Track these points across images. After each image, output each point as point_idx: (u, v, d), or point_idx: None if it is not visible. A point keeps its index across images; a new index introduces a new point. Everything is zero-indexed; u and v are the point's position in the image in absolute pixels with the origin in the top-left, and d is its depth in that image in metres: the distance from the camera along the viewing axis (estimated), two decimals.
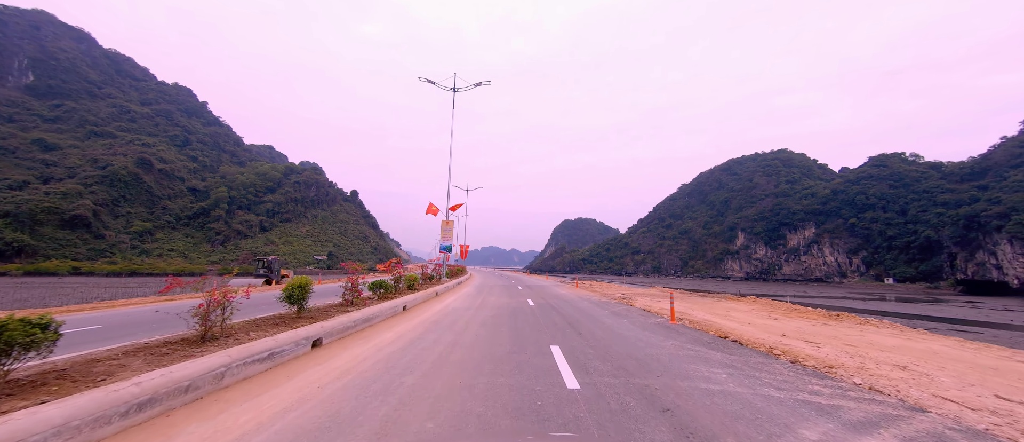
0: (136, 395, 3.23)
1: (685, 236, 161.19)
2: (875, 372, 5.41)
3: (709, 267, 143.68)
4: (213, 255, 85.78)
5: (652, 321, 10.10)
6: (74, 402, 2.86)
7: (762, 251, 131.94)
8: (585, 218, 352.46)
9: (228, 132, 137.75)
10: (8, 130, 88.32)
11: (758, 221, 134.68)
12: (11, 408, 2.76)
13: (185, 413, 3.54)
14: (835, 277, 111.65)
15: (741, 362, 6.01)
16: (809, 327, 10.03)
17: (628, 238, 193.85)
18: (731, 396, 4.36)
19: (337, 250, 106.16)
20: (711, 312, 12.39)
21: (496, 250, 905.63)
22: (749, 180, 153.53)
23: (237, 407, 3.73)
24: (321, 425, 3.37)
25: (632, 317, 10.86)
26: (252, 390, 4.27)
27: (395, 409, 3.76)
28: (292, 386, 4.51)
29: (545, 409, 3.81)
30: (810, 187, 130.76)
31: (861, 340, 8.19)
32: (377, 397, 4.13)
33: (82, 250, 70.72)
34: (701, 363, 5.87)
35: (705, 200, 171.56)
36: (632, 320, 10.22)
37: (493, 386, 4.55)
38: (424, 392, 4.33)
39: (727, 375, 5.22)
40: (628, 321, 10.05)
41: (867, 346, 7.47)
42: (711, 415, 3.77)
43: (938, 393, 4.52)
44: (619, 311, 12.05)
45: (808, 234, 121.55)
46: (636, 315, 11.37)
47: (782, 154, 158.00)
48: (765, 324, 10.16)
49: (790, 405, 4.10)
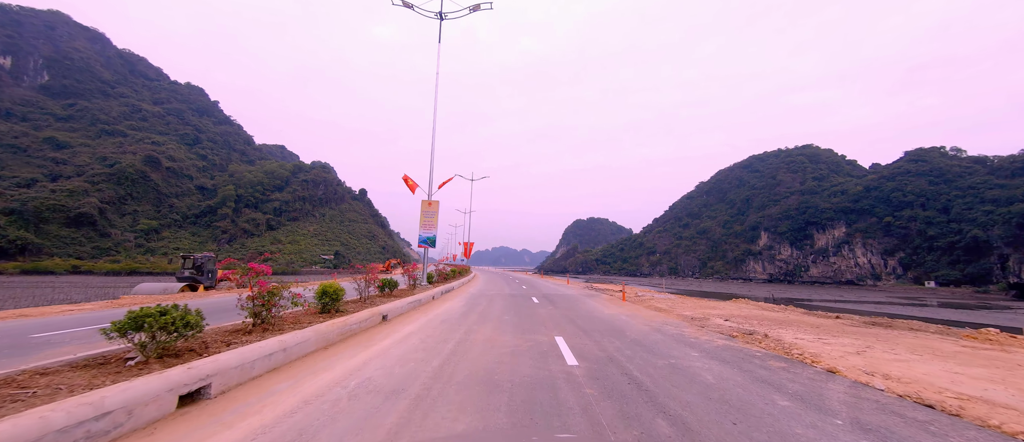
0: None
1: (704, 236, 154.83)
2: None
3: (729, 268, 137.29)
4: (219, 254, 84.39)
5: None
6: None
7: (787, 252, 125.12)
8: (597, 218, 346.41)
9: (239, 131, 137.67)
10: (22, 129, 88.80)
11: (783, 220, 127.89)
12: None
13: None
14: (868, 280, 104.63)
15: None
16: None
17: (643, 238, 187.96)
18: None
19: (344, 249, 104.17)
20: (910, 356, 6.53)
21: (506, 250, 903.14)
22: (772, 177, 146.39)
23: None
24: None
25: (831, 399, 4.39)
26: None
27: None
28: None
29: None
30: (840, 184, 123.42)
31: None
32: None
33: (87, 248, 69.80)
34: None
35: (724, 198, 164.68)
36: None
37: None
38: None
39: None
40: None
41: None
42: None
43: None
44: (778, 380, 5.08)
45: (838, 234, 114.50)
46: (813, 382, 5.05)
47: (808, 150, 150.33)
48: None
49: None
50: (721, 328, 9.19)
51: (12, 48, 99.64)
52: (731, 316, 11.09)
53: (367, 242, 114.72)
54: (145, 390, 3.24)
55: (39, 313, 10.50)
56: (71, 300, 21.59)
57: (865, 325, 10.69)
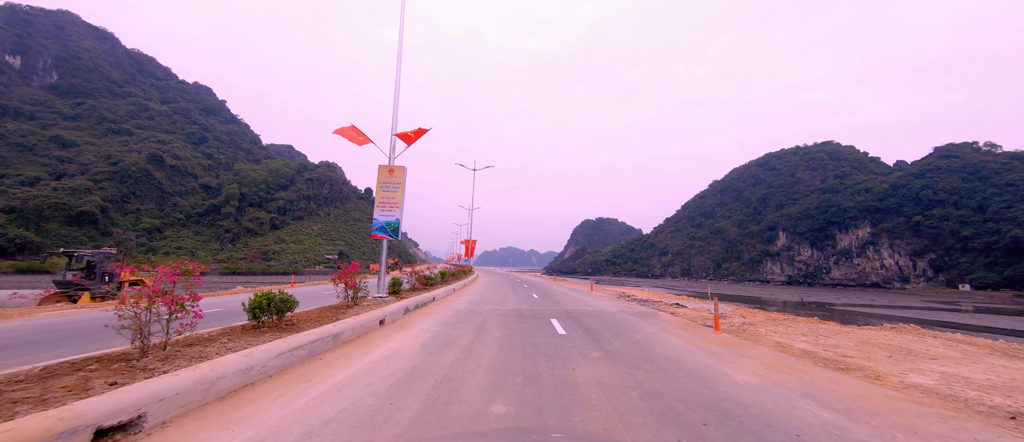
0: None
1: (718, 236, 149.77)
2: None
3: (745, 270, 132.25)
4: (221, 254, 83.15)
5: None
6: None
7: (807, 253, 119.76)
8: (606, 218, 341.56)
9: (245, 130, 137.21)
10: (29, 127, 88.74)
11: (802, 220, 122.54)
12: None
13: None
14: (895, 282, 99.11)
15: None
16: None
17: (654, 238, 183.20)
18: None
19: (349, 249, 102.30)
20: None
21: (514, 250, 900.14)
22: (790, 175, 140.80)
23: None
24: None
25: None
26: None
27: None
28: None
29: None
30: (864, 182, 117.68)
31: None
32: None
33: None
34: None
35: (739, 197, 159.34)
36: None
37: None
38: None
39: None
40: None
41: None
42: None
43: None
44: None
45: (862, 234, 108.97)
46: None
47: (828, 147, 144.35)
48: None
49: None
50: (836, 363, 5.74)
51: (21, 47, 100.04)
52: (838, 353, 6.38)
53: (372, 242, 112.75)
54: None
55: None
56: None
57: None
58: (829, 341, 7.84)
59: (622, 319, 9.32)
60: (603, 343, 7.30)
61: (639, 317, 9.90)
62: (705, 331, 8.90)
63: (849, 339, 8.11)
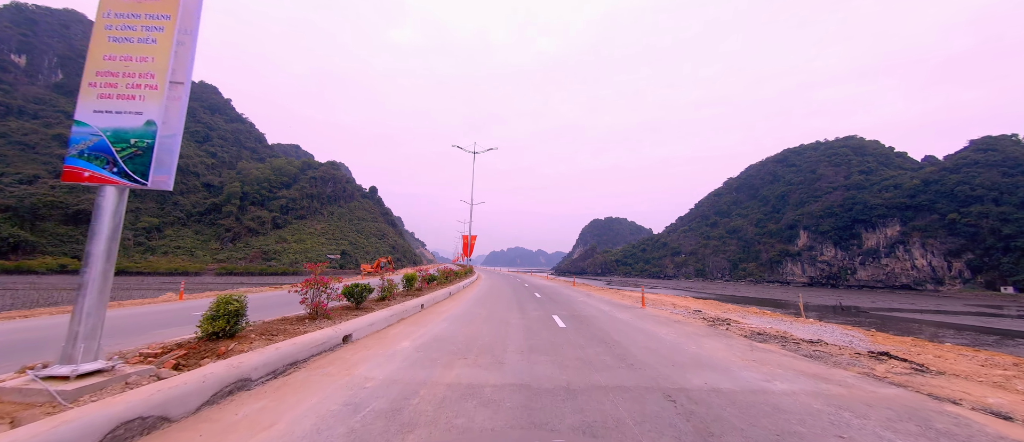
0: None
1: (734, 236, 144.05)
2: None
3: (763, 271, 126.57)
4: (220, 254, 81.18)
5: None
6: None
7: (830, 252, 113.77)
8: (615, 217, 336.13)
9: (250, 129, 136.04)
10: (32, 127, 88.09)
11: (825, 218, 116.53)
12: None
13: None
14: (928, 284, 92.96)
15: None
16: None
17: (667, 238, 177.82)
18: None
19: (352, 248, 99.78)
20: None
21: (522, 251, 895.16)
22: (811, 171, 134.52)
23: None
24: None
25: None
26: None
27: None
28: None
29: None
30: (892, 177, 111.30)
31: None
32: None
33: (83, 247, 67.08)
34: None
35: (756, 195, 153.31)
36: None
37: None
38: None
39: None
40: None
41: None
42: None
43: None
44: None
45: (891, 233, 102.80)
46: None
47: (851, 141, 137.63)
48: None
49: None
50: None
51: (27, 46, 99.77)
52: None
53: (376, 241, 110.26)
54: None
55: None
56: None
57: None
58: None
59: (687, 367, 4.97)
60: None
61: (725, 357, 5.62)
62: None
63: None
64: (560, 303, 15.16)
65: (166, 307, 11.41)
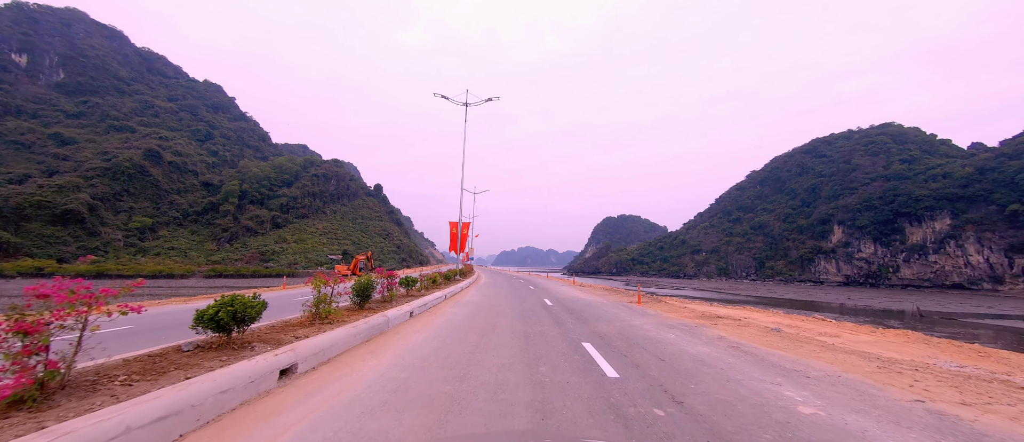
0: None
1: (759, 231, 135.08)
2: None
3: (793, 269, 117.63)
4: (216, 254, 77.45)
5: None
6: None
7: (870, 249, 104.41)
8: (628, 215, 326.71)
9: (254, 127, 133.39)
10: (29, 126, 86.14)
11: (862, 211, 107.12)
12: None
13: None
14: (984, 282, 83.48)
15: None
16: None
17: (685, 235, 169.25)
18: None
19: (355, 248, 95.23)
20: None
21: (533, 250, 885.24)
22: (845, 162, 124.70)
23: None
24: None
25: None
26: None
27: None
28: None
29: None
30: (940, 166, 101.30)
31: None
32: None
33: (71, 248, 63.87)
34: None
35: (783, 188, 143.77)
36: None
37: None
38: None
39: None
40: None
41: None
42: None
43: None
44: None
45: (940, 227, 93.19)
46: None
47: (889, 129, 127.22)
48: None
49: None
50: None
51: (28, 46, 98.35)
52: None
53: (381, 241, 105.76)
54: None
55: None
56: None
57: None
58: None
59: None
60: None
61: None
62: None
63: None
64: (584, 314, 9.53)
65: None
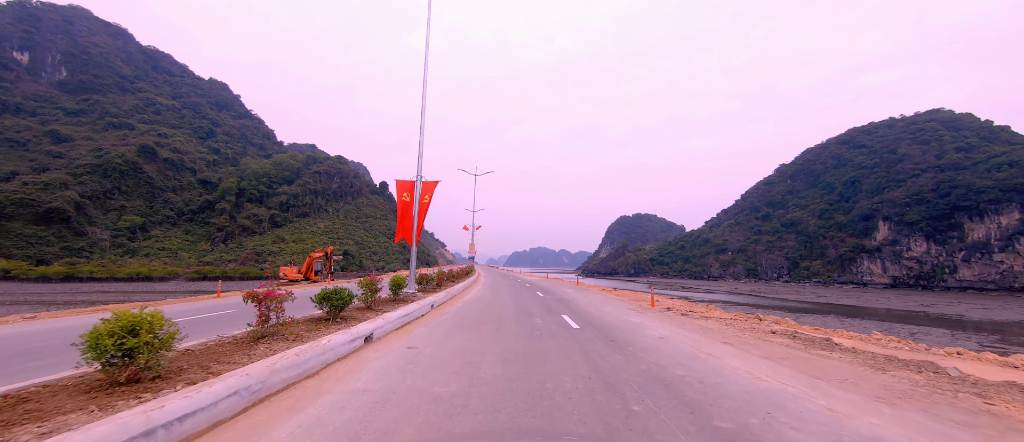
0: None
1: (792, 229, 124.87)
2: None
3: (832, 269, 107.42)
4: (210, 255, 73.15)
5: None
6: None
7: (921, 247, 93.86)
8: (644, 214, 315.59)
9: (258, 125, 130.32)
10: (27, 123, 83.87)
11: (912, 206, 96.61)
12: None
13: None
14: None
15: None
16: None
17: (709, 234, 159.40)
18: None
19: (358, 248, 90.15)
20: None
21: (545, 251, 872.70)
22: (890, 152, 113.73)
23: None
24: None
25: None
26: None
27: None
28: None
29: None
30: (1004, 154, 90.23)
31: None
32: None
33: (54, 249, 60.21)
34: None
35: (817, 183, 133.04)
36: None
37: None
38: None
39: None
40: None
41: None
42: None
43: None
44: None
45: (1007, 221, 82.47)
46: None
47: (939, 115, 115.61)
48: None
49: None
50: None
51: (30, 44, 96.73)
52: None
53: (385, 240, 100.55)
54: None
55: None
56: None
57: None
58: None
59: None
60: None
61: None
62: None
63: None
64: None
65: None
